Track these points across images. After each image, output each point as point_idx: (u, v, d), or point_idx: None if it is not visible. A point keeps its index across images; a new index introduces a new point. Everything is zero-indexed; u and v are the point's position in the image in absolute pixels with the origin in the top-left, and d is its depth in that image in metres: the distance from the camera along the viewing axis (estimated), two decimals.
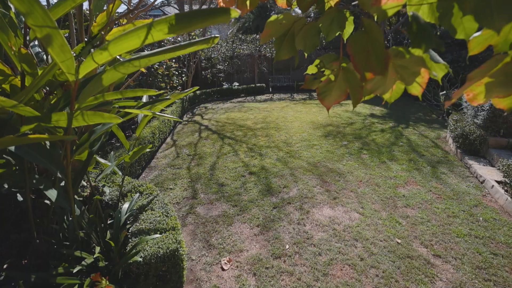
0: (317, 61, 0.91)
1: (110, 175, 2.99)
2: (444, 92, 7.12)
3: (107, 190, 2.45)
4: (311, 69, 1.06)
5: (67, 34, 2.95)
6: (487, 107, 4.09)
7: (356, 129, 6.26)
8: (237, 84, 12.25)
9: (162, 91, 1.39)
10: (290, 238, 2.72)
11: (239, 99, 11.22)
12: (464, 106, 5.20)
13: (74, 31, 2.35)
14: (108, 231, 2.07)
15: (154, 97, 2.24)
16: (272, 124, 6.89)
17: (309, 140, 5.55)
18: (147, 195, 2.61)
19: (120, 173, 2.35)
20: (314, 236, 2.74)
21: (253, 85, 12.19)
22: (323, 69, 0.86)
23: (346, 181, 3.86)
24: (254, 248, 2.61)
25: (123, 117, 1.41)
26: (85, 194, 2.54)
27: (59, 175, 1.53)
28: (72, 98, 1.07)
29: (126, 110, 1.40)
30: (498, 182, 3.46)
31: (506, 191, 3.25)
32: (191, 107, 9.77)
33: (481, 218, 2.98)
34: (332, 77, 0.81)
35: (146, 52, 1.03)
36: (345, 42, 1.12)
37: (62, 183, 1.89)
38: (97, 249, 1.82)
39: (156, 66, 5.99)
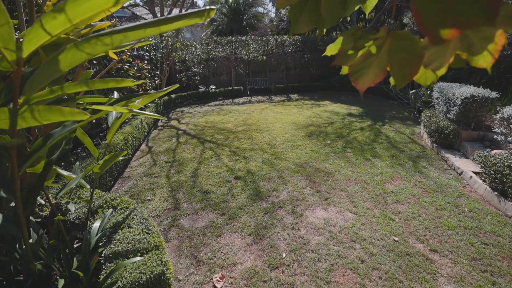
0: (344, 36, 0.74)
1: (75, 189, 2.57)
2: (414, 91, 7.54)
3: (72, 207, 2.06)
4: (333, 48, 0.89)
5: (16, 26, 2.50)
6: (459, 102, 4.33)
7: (337, 128, 6.33)
8: (213, 87, 11.92)
9: (141, 81, 1.12)
10: (286, 245, 2.53)
11: (217, 102, 10.91)
12: (436, 102, 5.49)
13: (24, 19, 1.96)
14: (75, 258, 1.71)
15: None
16: (253, 126, 6.71)
17: (293, 141, 5.46)
18: (123, 210, 2.26)
19: (88, 186, 1.99)
20: (311, 241, 2.58)
21: (231, 88, 11.96)
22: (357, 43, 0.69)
23: (335, 180, 3.80)
24: (249, 260, 2.37)
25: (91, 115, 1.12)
26: (44, 214, 2.12)
27: (3, 194, 1.19)
28: (15, 87, 0.77)
29: (95, 107, 1.11)
30: (475, 173, 3.62)
31: (484, 181, 3.41)
32: (166, 112, 9.25)
33: (466, 209, 3.06)
34: (374, 49, 0.65)
35: (120, 27, 0.79)
36: (366, 16, 0.97)
37: (12, 203, 1.51)
38: (61, 282, 1.46)
39: (127, 67, 5.51)
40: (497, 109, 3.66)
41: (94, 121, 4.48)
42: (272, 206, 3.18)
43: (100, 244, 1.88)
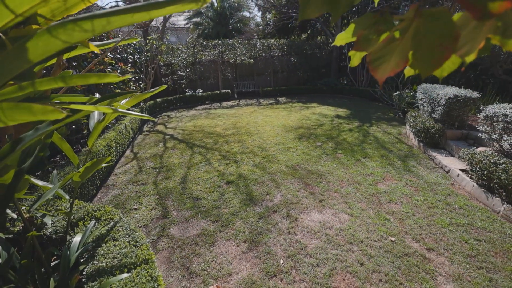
0: (359, 22, 0.68)
1: (53, 200, 2.35)
2: (398, 92, 7.76)
3: (48, 220, 1.86)
4: (343, 37, 0.82)
5: None
6: (443, 102, 4.47)
7: (327, 130, 6.37)
8: (201, 91, 11.73)
9: (127, 76, 0.99)
10: (283, 251, 2.44)
11: (204, 106, 10.72)
12: (420, 103, 5.66)
13: None
14: (52, 278, 1.52)
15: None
16: (243, 130, 6.61)
17: (283, 143, 5.41)
18: (107, 221, 2.08)
19: (67, 197, 1.81)
20: (308, 245, 2.50)
21: (218, 92, 11.82)
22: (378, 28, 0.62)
23: (328, 181, 3.77)
24: (245, 269, 2.25)
25: (69, 116, 0.99)
26: (16, 229, 1.91)
27: None
28: None
29: (74, 106, 0.97)
30: (462, 171, 3.72)
31: (471, 177, 3.50)
32: (151, 116, 8.95)
33: (456, 206, 3.11)
34: (397, 34, 0.58)
35: (103, 10, 0.68)
36: (376, 5, 0.91)
37: None
38: None
39: (109, 70, 5.26)
40: (480, 108, 3.80)
41: (74, 126, 4.21)
42: (266, 211, 3.08)
43: (82, 260, 1.70)
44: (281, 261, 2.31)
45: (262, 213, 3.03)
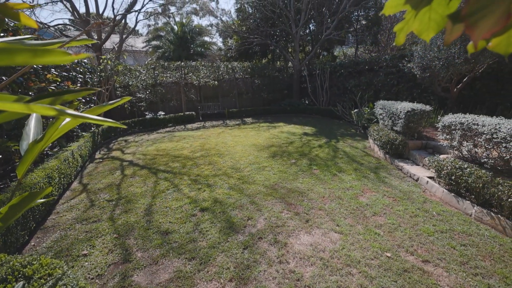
0: None
1: None
2: (357, 110, 8.37)
3: None
4: (394, 4, 0.64)
5: None
6: (403, 116, 4.84)
7: (298, 147, 6.37)
8: (162, 113, 11.08)
9: (84, 55, 0.66)
10: (277, 286, 2.08)
11: (167, 129, 10.05)
12: (380, 118, 6.10)
13: None
14: None
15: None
16: (213, 151, 6.23)
17: (258, 163, 5.18)
18: (43, 280, 1.50)
19: None
20: (304, 274, 2.20)
21: (182, 114, 11.29)
22: None
23: (310, 199, 3.59)
24: None
25: None
26: None
27: None
28: None
29: None
30: (430, 178, 3.93)
31: (439, 183, 3.69)
32: (105, 142, 7.96)
33: (434, 213, 3.18)
34: None
35: None
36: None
37: None
38: None
39: (53, 88, 4.51)
40: (438, 118, 4.17)
41: (0, 156, 3.35)
42: (250, 239, 2.71)
43: None
44: None
45: (246, 242, 2.65)
